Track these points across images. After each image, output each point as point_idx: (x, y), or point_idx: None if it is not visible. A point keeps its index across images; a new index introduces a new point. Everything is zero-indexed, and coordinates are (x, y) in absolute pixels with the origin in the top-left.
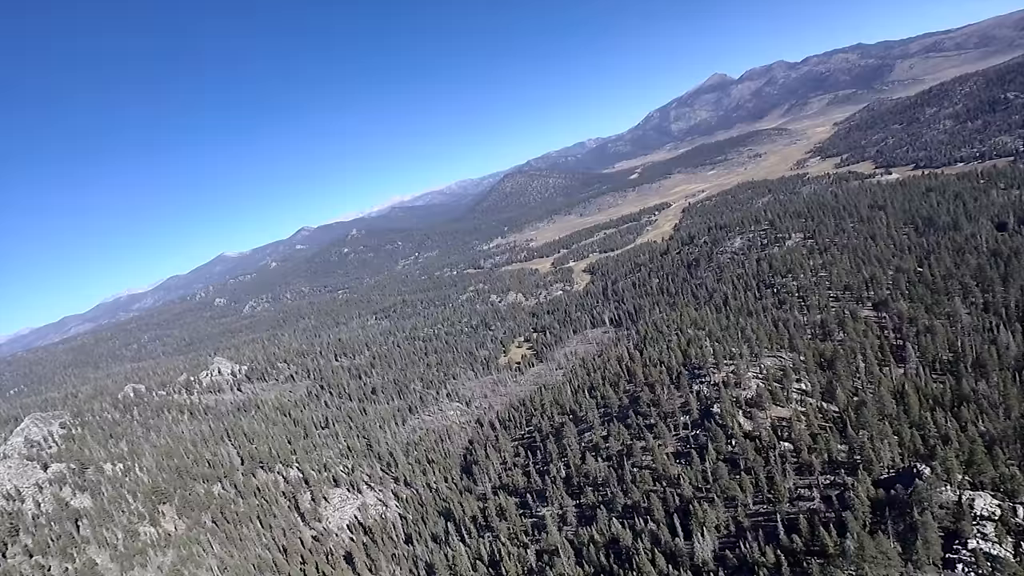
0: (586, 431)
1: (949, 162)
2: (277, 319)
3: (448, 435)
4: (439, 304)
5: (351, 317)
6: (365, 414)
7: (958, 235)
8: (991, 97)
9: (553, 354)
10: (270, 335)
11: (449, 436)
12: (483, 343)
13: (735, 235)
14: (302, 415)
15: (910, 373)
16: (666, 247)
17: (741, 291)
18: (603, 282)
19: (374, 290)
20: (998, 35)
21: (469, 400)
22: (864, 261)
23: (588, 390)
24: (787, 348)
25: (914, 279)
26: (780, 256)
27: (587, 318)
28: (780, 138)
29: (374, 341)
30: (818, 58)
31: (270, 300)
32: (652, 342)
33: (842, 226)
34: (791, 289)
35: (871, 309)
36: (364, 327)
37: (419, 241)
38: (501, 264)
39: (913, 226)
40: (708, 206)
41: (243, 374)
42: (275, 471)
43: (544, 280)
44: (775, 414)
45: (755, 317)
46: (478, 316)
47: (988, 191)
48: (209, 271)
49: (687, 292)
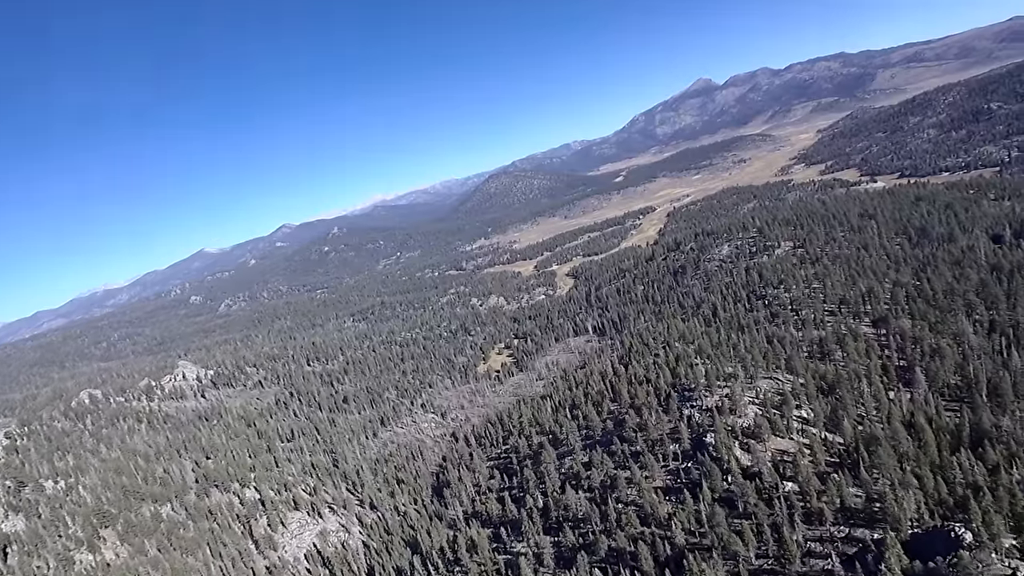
0: (566, 455)
1: (934, 171)
2: (252, 319)
3: (420, 451)
4: (419, 306)
5: (328, 319)
6: (334, 425)
7: (954, 247)
8: (974, 107)
9: (534, 363)
10: (244, 336)
11: (421, 452)
12: (462, 349)
13: (723, 242)
14: (267, 426)
15: (919, 400)
16: (651, 253)
17: (731, 302)
18: (587, 287)
19: (353, 290)
20: (977, 46)
21: (445, 412)
22: (859, 273)
23: (569, 408)
24: (784, 369)
25: (913, 294)
26: (770, 265)
27: (570, 325)
28: (764, 144)
29: (349, 345)
30: (801, 65)
31: (247, 299)
32: (638, 356)
33: (832, 235)
34: (783, 302)
35: (870, 325)
36: (341, 329)
37: (401, 241)
38: (483, 266)
39: (906, 236)
40: (693, 211)
41: (209, 379)
42: (231, 491)
43: (526, 284)
44: (775, 446)
45: (747, 333)
46: (458, 320)
47: (979, 202)
48: (188, 267)
49: (673, 301)
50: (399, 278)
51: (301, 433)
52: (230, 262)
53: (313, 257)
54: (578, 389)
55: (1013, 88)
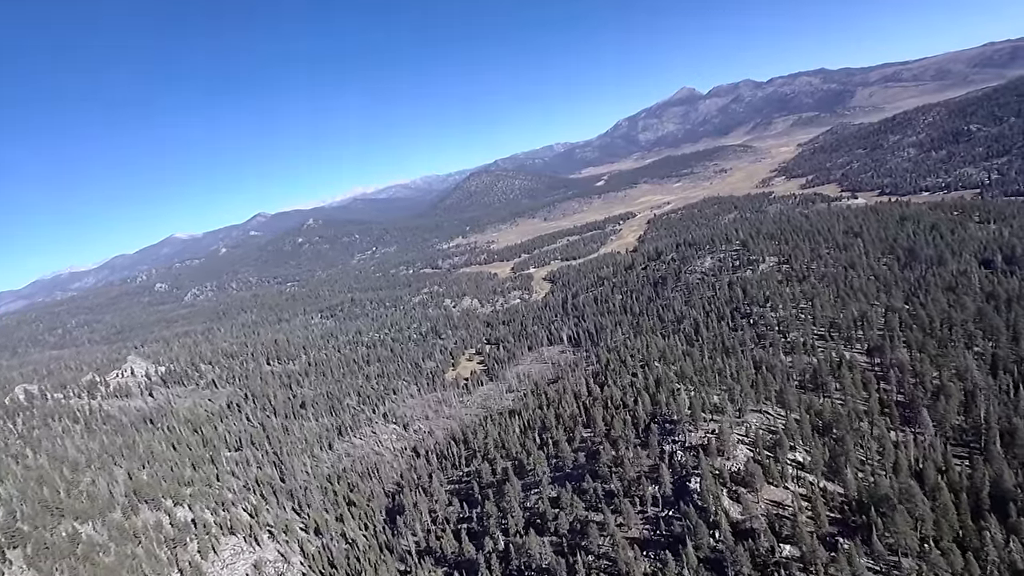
0: (533, 488)
1: (915, 190)
2: (218, 311)
3: (377, 467)
4: (390, 305)
5: (296, 314)
6: (288, 434)
7: (944, 270)
8: (954, 128)
9: (505, 372)
10: (206, 328)
11: (378, 469)
12: (431, 353)
13: (705, 254)
14: (215, 432)
15: (924, 444)
16: (631, 261)
17: (714, 320)
18: (563, 293)
19: (325, 285)
20: (953, 69)
21: (407, 423)
22: (848, 294)
23: (539, 431)
24: (774, 401)
25: (908, 321)
26: (755, 281)
27: (544, 334)
28: (745, 155)
29: (313, 344)
30: (783, 79)
31: (214, 289)
32: (614, 375)
33: (818, 252)
34: (770, 322)
35: (863, 353)
36: (308, 326)
37: (378, 235)
38: (459, 265)
39: (893, 256)
40: (674, 219)
41: (159, 376)
42: (162, 509)
43: (502, 286)
44: (769, 496)
45: (733, 356)
46: (429, 322)
47: (965, 224)
48: (157, 252)
49: (653, 313)
50: (372, 274)
51: (250, 442)
52: (201, 249)
53: (286, 248)
54: (549, 409)
55: (992, 111)
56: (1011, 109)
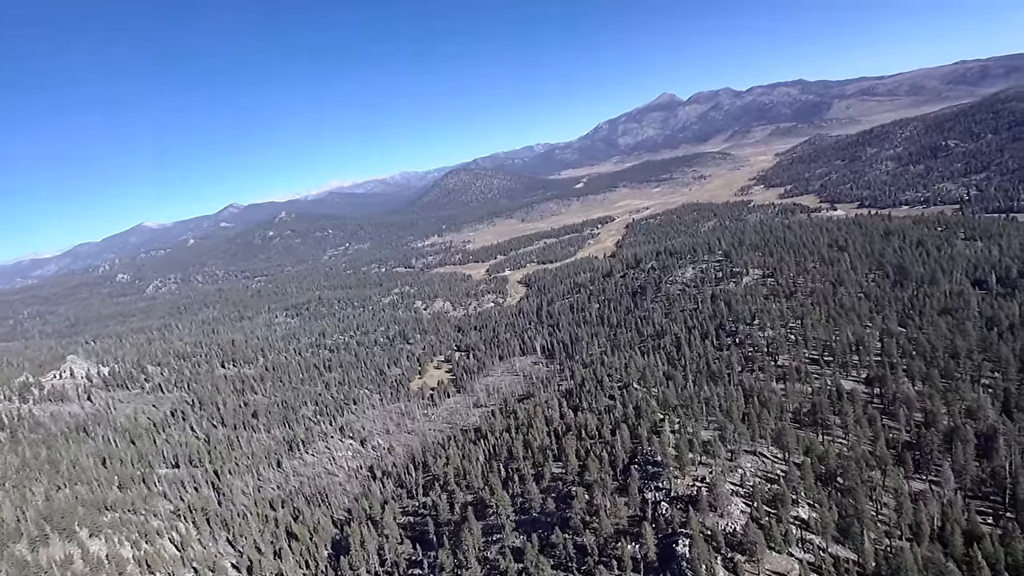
0: (494, 533)
1: (894, 204)
2: (179, 305)
3: (328, 491)
4: (358, 305)
5: (260, 311)
6: (233, 448)
7: (936, 290)
8: (931, 143)
9: (474, 384)
10: (163, 324)
11: (328, 494)
12: (397, 359)
13: (686, 263)
14: (153, 445)
15: (945, 502)
16: (609, 268)
17: (697, 338)
18: (538, 299)
19: (293, 281)
20: (927, 86)
21: (366, 438)
22: (839, 315)
23: (504, 461)
24: (770, 440)
25: (907, 347)
26: (739, 295)
27: (517, 343)
28: (724, 162)
29: (273, 346)
30: (762, 89)
31: (178, 281)
32: (590, 396)
33: (804, 266)
34: (758, 342)
35: (862, 383)
36: (270, 325)
37: (352, 231)
38: (433, 265)
39: (882, 273)
40: (653, 224)
41: (102, 378)
42: (75, 540)
43: (476, 288)
44: (772, 566)
45: (720, 383)
46: (398, 325)
47: (951, 241)
48: (124, 241)
49: (631, 325)
50: (343, 271)
51: (190, 458)
52: (169, 239)
53: (256, 241)
54: (517, 435)
55: (969, 127)
56: (987, 126)
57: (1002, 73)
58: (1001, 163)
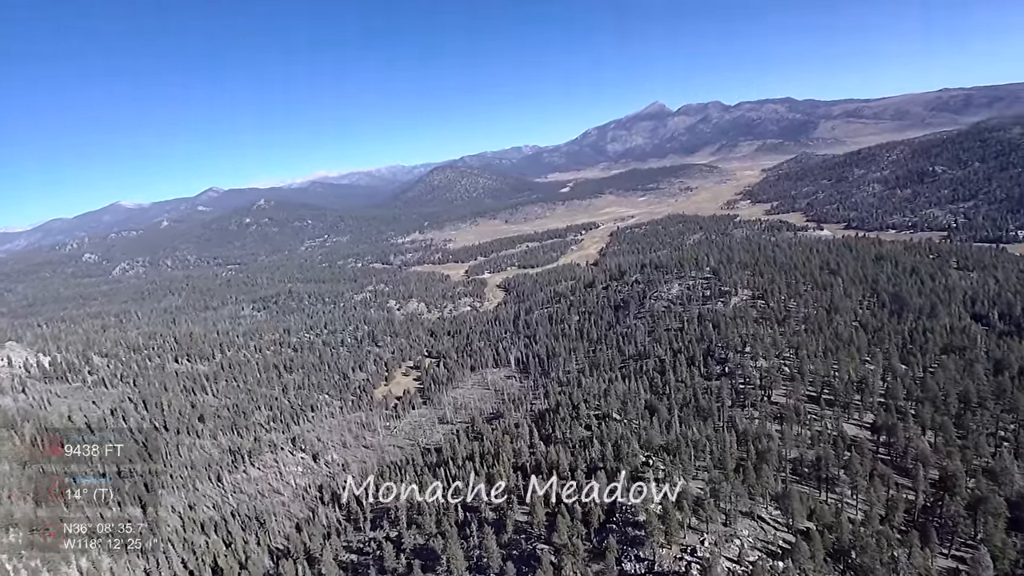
0: None
1: (881, 227)
2: (143, 290)
3: (269, 515)
4: (329, 301)
5: (226, 302)
6: (171, 457)
7: (936, 323)
8: (918, 168)
9: (441, 396)
10: (122, 310)
11: (268, 517)
12: (364, 363)
13: (672, 278)
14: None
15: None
16: (592, 278)
17: (683, 363)
18: (516, 306)
19: (265, 271)
20: (911, 111)
21: (319, 452)
22: (837, 346)
23: (463, 501)
24: (769, 500)
25: (914, 388)
26: (728, 317)
27: (491, 353)
28: (711, 175)
29: (233, 342)
30: (751, 105)
31: (147, 265)
32: (564, 425)
33: (796, 289)
34: (749, 373)
35: (868, 428)
36: (235, 317)
37: (332, 223)
38: (412, 263)
39: (878, 301)
40: (637, 233)
41: (42, 368)
42: None
43: (453, 290)
44: None
45: (710, 421)
46: (368, 325)
47: (945, 270)
48: (98, 219)
49: (612, 342)
50: (318, 264)
51: (119, 469)
52: (144, 220)
53: (232, 228)
54: (481, 470)
55: (956, 154)
56: (975, 154)
57: (985, 103)
58: (989, 192)
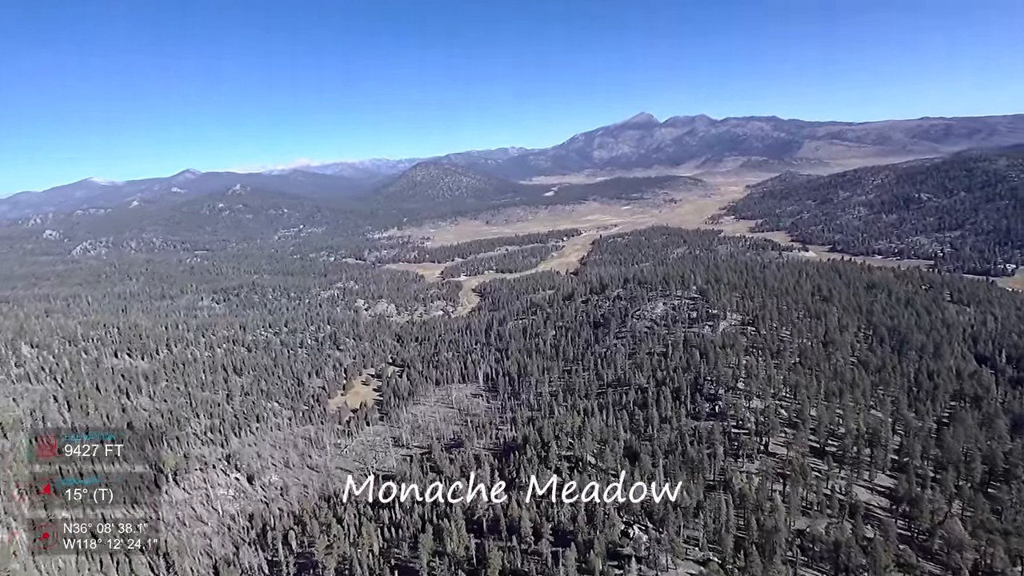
0: None
1: (867, 252)
2: (100, 273)
3: (183, 550)
4: (295, 297)
5: (185, 291)
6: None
7: (941, 364)
8: (904, 194)
9: (401, 412)
10: (72, 294)
11: (182, 553)
12: (322, 368)
13: (657, 296)
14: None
15: None
16: (571, 290)
17: (668, 397)
18: (490, 315)
19: (232, 260)
20: (893, 137)
21: (257, 473)
22: (839, 388)
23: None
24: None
25: (929, 445)
26: (717, 344)
27: (458, 366)
28: (696, 188)
29: (182, 337)
30: (737, 120)
31: (110, 246)
32: (531, 467)
33: (788, 316)
34: (743, 416)
35: (881, 492)
36: (192, 308)
37: (309, 213)
38: (386, 260)
39: (875, 336)
40: (620, 243)
41: None
42: None
43: (426, 292)
44: None
45: (700, 476)
46: (332, 326)
47: (939, 302)
48: (68, 194)
49: (589, 364)
50: (289, 256)
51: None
52: (115, 198)
53: (204, 212)
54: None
55: (942, 182)
56: (960, 183)
57: (964, 133)
58: (976, 223)
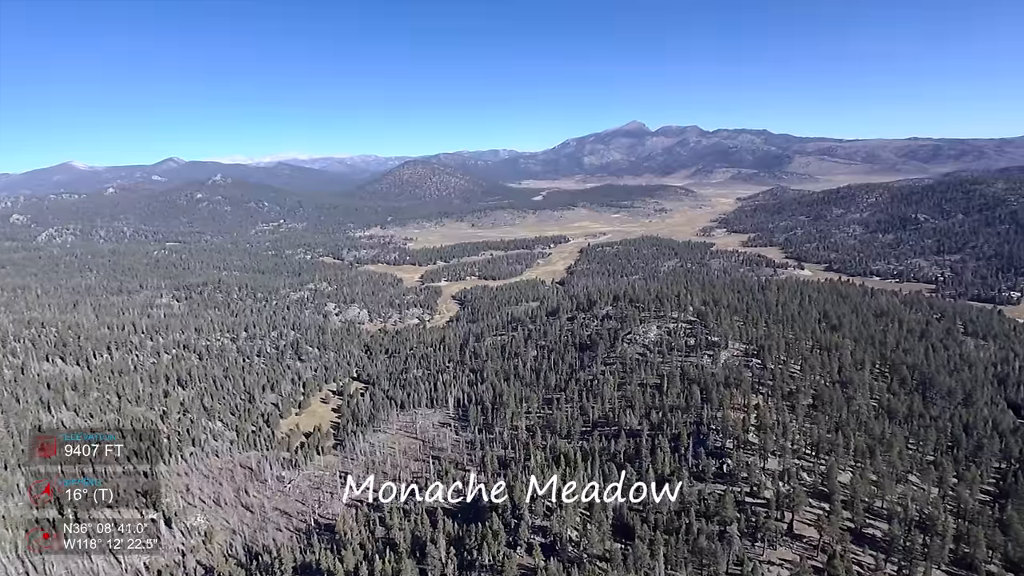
0: None
1: (865, 272)
2: (59, 262)
3: None
4: (262, 298)
5: (145, 286)
6: None
7: (974, 413)
8: (900, 214)
9: (358, 442)
10: (22, 285)
11: None
12: (278, 381)
13: (650, 319)
14: None
15: None
16: (556, 304)
17: (665, 444)
18: (467, 327)
19: (202, 254)
20: (882, 155)
21: (177, 514)
22: (871, 448)
23: None
24: None
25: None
26: (719, 379)
27: (428, 386)
28: (687, 198)
29: (127, 341)
30: (728, 132)
31: (77, 233)
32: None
33: (797, 348)
34: (756, 478)
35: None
36: (148, 306)
37: (291, 207)
38: (365, 260)
39: (896, 375)
40: (609, 252)
41: None
42: None
43: (403, 298)
44: None
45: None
46: (297, 332)
47: (955, 335)
48: (46, 178)
49: (573, 392)
50: (265, 252)
51: None
52: (94, 184)
53: (181, 202)
54: None
55: (939, 203)
56: (958, 205)
57: (953, 155)
58: (976, 247)
